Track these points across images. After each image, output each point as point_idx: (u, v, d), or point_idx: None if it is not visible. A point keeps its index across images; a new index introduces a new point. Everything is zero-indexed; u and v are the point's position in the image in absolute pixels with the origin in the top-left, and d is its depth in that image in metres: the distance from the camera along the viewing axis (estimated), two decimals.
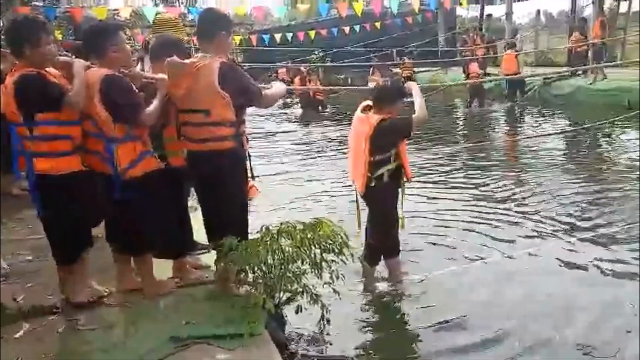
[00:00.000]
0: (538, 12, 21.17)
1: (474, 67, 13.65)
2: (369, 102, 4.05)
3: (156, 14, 6.60)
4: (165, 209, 3.29)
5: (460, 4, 17.72)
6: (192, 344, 2.71)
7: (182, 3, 42.80)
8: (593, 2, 14.47)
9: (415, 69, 16.91)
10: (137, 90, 3.10)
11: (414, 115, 3.94)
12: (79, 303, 3.12)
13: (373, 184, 3.89)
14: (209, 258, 3.68)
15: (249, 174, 3.34)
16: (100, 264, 3.43)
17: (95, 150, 3.05)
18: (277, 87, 3.60)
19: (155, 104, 3.10)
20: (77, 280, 3.17)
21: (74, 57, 3.26)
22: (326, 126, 12.62)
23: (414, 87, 4.14)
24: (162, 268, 3.45)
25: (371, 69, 16.24)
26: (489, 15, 20.33)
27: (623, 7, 15.62)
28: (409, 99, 4.07)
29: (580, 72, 13.39)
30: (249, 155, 3.35)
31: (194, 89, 3.09)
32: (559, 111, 12.41)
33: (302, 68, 16.52)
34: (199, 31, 3.30)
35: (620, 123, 9.73)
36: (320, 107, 14.99)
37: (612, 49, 14.42)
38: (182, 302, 3.18)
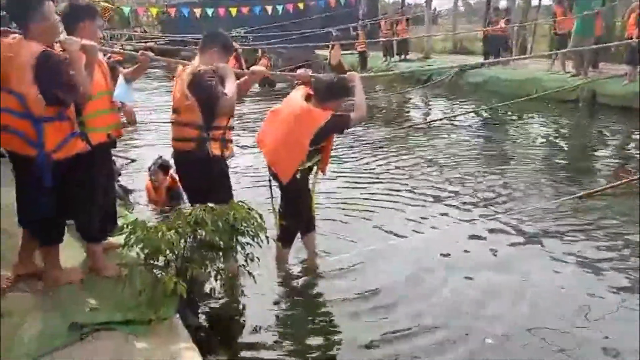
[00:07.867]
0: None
1: None
2: (304, 88, 3.96)
3: None
4: (86, 191, 3.13)
5: None
6: (95, 331, 2.61)
7: None
8: None
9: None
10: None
11: (352, 114, 3.80)
12: None
13: (299, 175, 3.82)
14: None
15: None
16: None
17: (18, 130, 2.79)
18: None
19: (83, 79, 2.84)
20: None
21: None
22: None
23: (356, 79, 3.94)
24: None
25: (331, 44, 16.05)
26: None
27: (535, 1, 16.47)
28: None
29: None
30: None
31: None
32: (472, 98, 12.81)
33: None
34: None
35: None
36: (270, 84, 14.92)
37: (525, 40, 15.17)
38: (88, 289, 3.05)
